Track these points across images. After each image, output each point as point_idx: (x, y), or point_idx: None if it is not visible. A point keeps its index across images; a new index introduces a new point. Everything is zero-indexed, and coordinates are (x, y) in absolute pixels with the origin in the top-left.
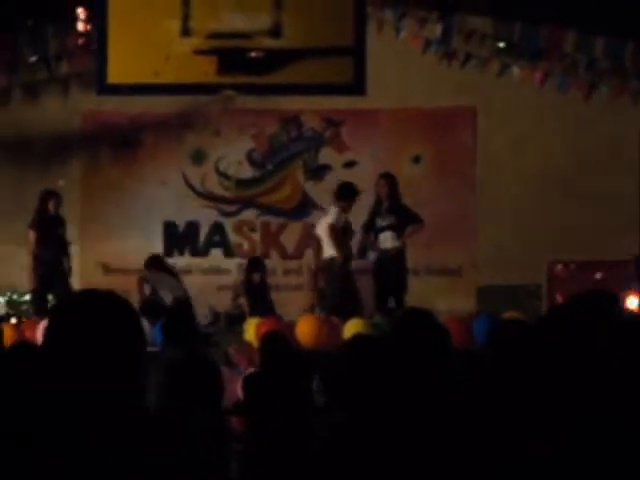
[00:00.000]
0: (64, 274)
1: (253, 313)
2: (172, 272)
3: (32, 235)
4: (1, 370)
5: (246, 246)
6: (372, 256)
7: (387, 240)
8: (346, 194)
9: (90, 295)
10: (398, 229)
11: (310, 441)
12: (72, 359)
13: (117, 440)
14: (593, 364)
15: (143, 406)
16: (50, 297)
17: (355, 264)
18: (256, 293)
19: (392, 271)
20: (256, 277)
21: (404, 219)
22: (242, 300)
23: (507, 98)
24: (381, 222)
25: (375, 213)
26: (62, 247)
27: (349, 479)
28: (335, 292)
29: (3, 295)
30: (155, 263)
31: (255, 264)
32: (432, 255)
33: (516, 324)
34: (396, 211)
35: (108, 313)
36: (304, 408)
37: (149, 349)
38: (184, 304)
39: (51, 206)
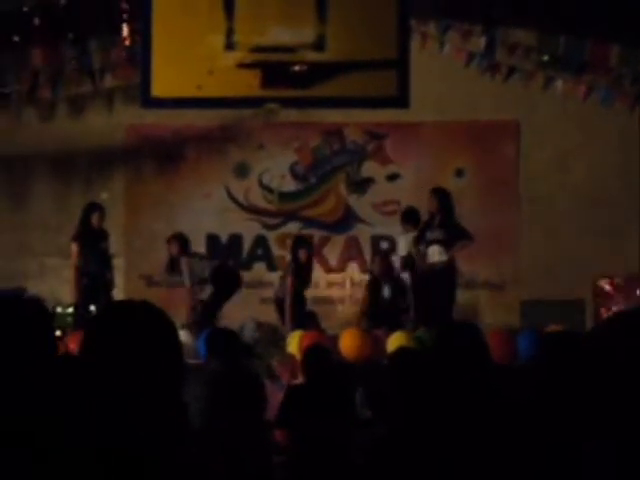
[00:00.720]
0: (107, 287)
1: (297, 294)
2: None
3: (75, 248)
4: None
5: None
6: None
7: (435, 254)
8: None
9: (126, 306)
10: (447, 243)
11: (353, 454)
12: (107, 370)
13: (154, 451)
14: None
15: (182, 418)
16: (93, 310)
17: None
18: (302, 272)
19: (438, 285)
20: (302, 254)
21: (453, 234)
22: (288, 280)
23: (551, 112)
24: (430, 235)
25: (426, 227)
26: (105, 260)
27: None
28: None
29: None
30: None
31: (300, 242)
32: (475, 269)
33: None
34: (446, 226)
35: (144, 324)
36: (347, 421)
37: (193, 362)
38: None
39: (94, 219)
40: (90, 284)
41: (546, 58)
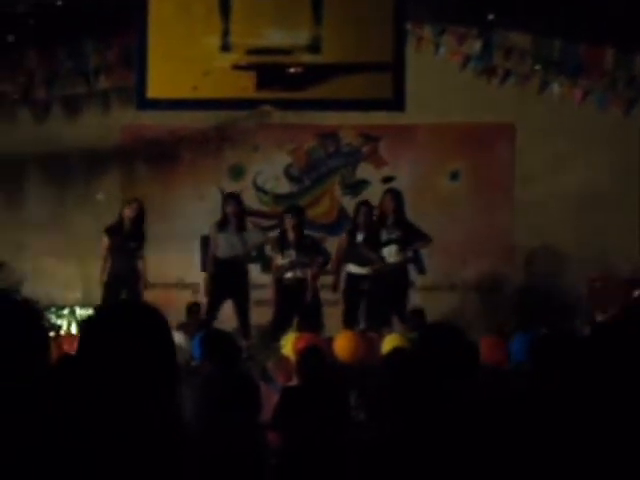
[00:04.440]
0: (131, 288)
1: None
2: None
3: (105, 241)
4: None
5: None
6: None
7: (391, 254)
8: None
9: (120, 305)
10: (402, 243)
11: (347, 456)
12: (101, 368)
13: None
14: None
15: (175, 418)
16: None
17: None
18: (289, 246)
19: (394, 285)
20: (288, 223)
21: (409, 234)
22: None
23: (546, 115)
24: (386, 235)
25: (380, 227)
26: (131, 260)
27: None
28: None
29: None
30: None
31: (290, 210)
32: (468, 271)
33: (558, 338)
34: (401, 225)
35: (137, 323)
36: (341, 423)
37: (188, 364)
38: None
39: (126, 215)
40: (112, 282)
41: (538, 66)
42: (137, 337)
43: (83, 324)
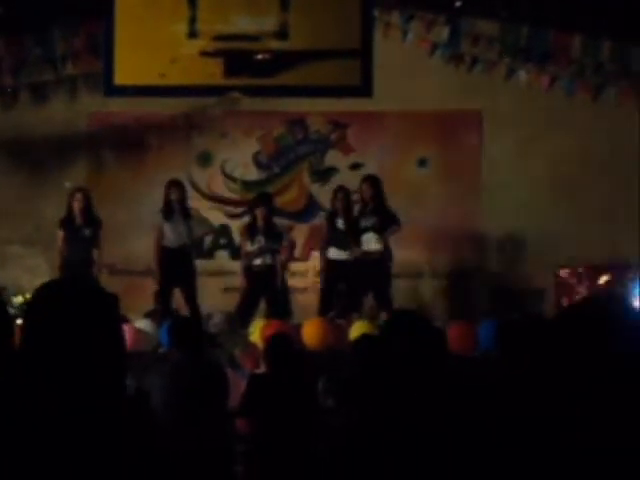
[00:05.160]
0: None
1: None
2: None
3: (59, 234)
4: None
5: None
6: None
7: (370, 242)
8: None
9: (59, 283)
10: (380, 231)
11: (315, 442)
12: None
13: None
14: (612, 363)
15: (144, 406)
16: None
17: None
18: (258, 233)
19: (376, 273)
20: (259, 213)
21: (385, 220)
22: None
23: (514, 102)
24: (364, 223)
25: (359, 215)
26: (86, 248)
27: (358, 477)
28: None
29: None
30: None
31: (259, 199)
32: (436, 258)
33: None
34: (379, 213)
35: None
36: (309, 409)
37: (161, 351)
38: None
39: (75, 204)
40: (66, 272)
41: (506, 54)
42: (80, 311)
43: (29, 299)
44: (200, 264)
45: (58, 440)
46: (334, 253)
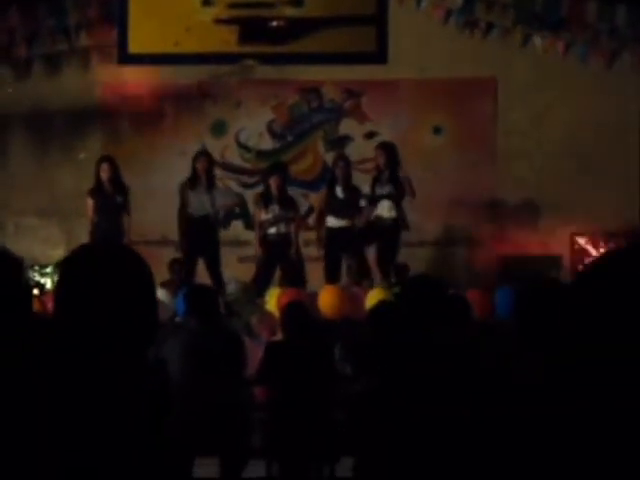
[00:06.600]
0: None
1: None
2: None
3: (89, 202)
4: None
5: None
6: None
7: (384, 209)
8: None
9: (99, 247)
10: (395, 199)
11: (332, 409)
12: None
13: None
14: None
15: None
16: None
17: None
18: (273, 202)
19: (386, 240)
20: (273, 182)
21: (401, 189)
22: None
23: (529, 68)
24: (380, 190)
25: (375, 182)
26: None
27: (376, 444)
28: None
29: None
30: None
31: (273, 168)
32: (452, 226)
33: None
34: (394, 181)
35: (120, 260)
36: (326, 377)
37: (177, 320)
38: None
39: (102, 172)
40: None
41: (521, 20)
42: (119, 273)
43: (61, 263)
44: None
45: (85, 402)
46: (332, 221)
